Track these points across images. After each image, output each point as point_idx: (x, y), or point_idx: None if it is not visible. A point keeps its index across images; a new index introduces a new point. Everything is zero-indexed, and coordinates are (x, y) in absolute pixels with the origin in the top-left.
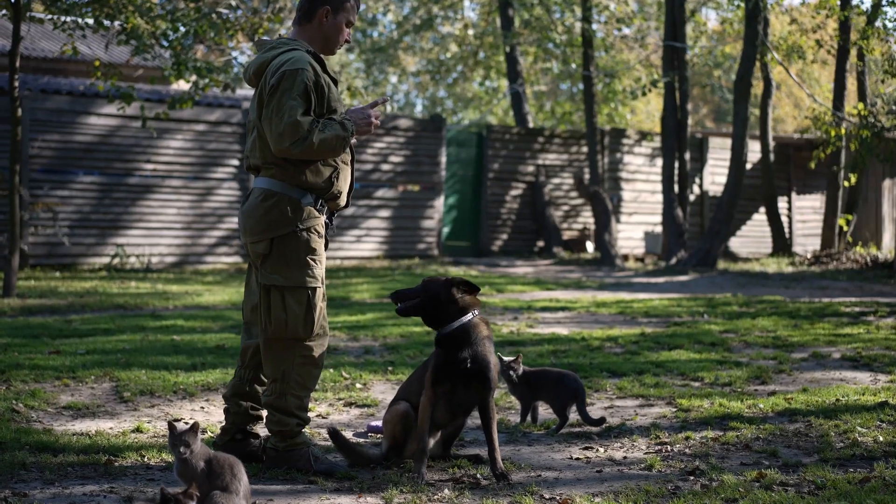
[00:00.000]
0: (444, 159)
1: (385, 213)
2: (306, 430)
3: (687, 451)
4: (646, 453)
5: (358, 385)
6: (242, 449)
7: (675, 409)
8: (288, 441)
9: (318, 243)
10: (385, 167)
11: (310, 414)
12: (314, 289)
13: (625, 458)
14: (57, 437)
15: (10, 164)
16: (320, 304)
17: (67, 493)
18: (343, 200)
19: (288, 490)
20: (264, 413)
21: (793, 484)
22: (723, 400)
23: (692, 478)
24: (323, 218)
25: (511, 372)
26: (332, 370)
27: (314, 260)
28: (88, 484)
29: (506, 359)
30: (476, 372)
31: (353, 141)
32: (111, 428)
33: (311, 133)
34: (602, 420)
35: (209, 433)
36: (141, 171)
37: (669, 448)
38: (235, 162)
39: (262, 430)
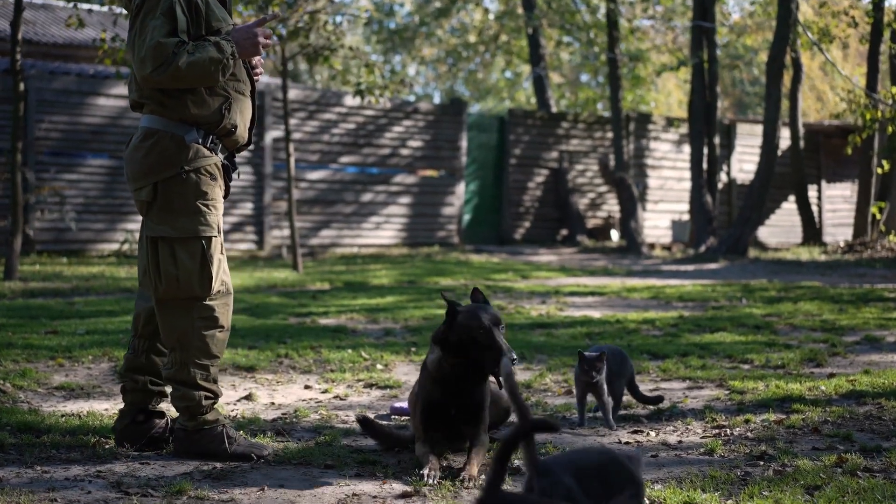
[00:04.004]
0: (464, 144)
1: (404, 199)
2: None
3: (749, 434)
4: (703, 437)
5: (379, 366)
6: (146, 432)
7: (727, 392)
8: (197, 419)
9: (212, 186)
10: (404, 152)
11: (312, 393)
12: (209, 238)
13: (680, 442)
14: (43, 418)
15: (12, 142)
16: (218, 257)
17: (48, 477)
18: (242, 136)
19: (302, 475)
20: (169, 389)
21: (879, 469)
22: (779, 382)
23: (762, 463)
24: (216, 158)
25: (594, 372)
26: (350, 350)
27: (207, 205)
28: (73, 467)
29: (588, 354)
30: (469, 420)
31: (258, 71)
32: (106, 409)
33: (178, 56)
34: (660, 398)
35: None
36: None
37: (729, 431)
38: (250, 145)
39: (169, 408)
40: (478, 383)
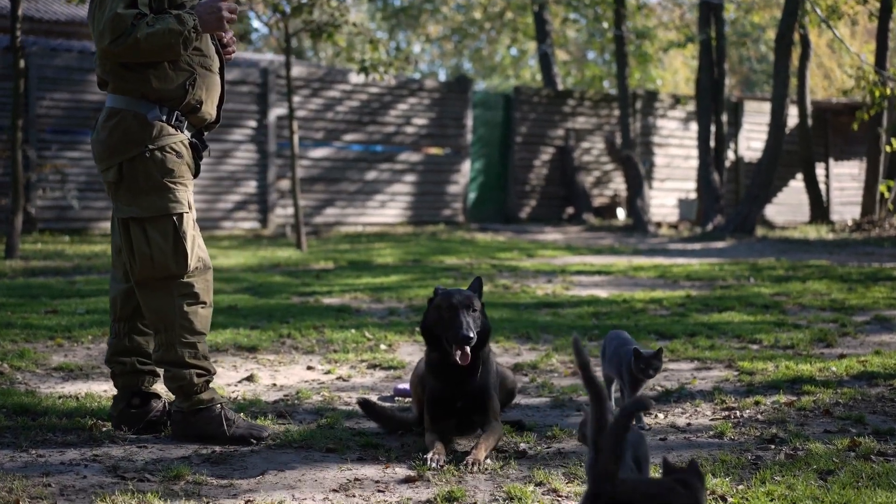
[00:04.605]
0: (470, 122)
1: (409, 177)
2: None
3: (759, 417)
4: (712, 419)
5: (383, 346)
6: (143, 416)
7: (737, 373)
8: (192, 398)
9: (178, 164)
10: (409, 130)
11: (315, 374)
12: (180, 215)
13: (689, 424)
14: (40, 400)
15: (13, 118)
16: (192, 233)
17: (43, 461)
18: (208, 113)
19: (303, 459)
20: (160, 370)
21: (893, 453)
22: (789, 363)
23: (772, 447)
24: (182, 135)
25: (652, 371)
26: (353, 330)
27: (174, 182)
28: (69, 451)
29: (645, 352)
30: (477, 408)
31: (231, 49)
32: (105, 391)
33: (136, 28)
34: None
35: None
36: None
37: (739, 414)
38: (253, 123)
39: (162, 389)
40: (473, 370)
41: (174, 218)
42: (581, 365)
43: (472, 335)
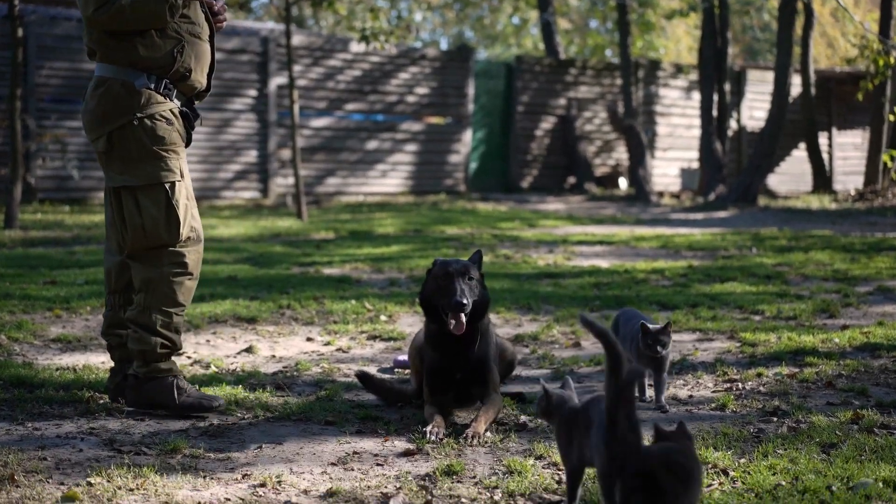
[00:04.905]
0: (471, 91)
1: (410, 147)
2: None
3: (761, 388)
4: (714, 391)
5: (383, 317)
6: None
7: (739, 344)
8: (150, 366)
9: (169, 131)
10: (410, 99)
11: (314, 345)
12: (173, 184)
13: (691, 396)
14: (37, 372)
15: (11, 88)
16: (184, 202)
17: (39, 434)
18: (198, 81)
19: (301, 432)
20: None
21: None
22: (791, 334)
23: (775, 419)
24: (172, 104)
25: (659, 347)
26: (353, 301)
27: (166, 150)
28: (66, 424)
29: (652, 327)
30: (476, 380)
31: (222, 17)
32: (102, 363)
33: None
34: None
35: (213, 367)
36: None
37: (741, 386)
38: (254, 92)
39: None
40: (471, 341)
41: (166, 186)
42: (599, 334)
43: (465, 301)
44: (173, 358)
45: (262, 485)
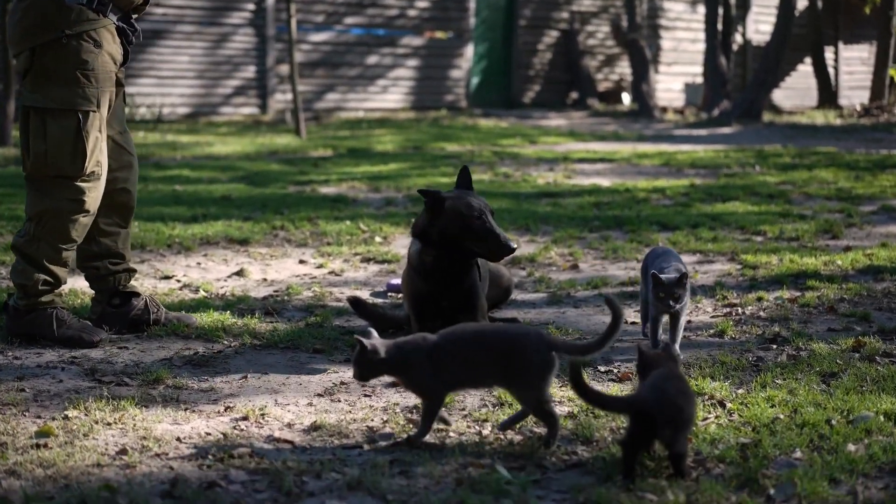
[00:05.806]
0: (472, 5)
1: (411, 62)
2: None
3: (761, 314)
4: (713, 317)
5: (377, 238)
6: (125, 315)
7: (739, 266)
8: (31, 299)
9: (94, 55)
10: (411, 13)
11: (307, 268)
12: (86, 113)
13: (689, 322)
14: None
15: (2, 1)
16: (95, 135)
17: (18, 363)
18: None
19: (288, 360)
20: (133, 266)
21: None
22: (793, 256)
23: (774, 346)
24: (107, 20)
25: (672, 301)
26: (348, 222)
27: (87, 76)
28: (46, 353)
29: (665, 278)
30: (462, 307)
31: None
32: (88, 287)
33: None
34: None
35: (202, 292)
36: (150, 15)
37: (740, 311)
38: (251, 6)
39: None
40: (465, 273)
41: (79, 114)
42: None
43: (515, 245)
44: (55, 292)
45: (245, 418)
